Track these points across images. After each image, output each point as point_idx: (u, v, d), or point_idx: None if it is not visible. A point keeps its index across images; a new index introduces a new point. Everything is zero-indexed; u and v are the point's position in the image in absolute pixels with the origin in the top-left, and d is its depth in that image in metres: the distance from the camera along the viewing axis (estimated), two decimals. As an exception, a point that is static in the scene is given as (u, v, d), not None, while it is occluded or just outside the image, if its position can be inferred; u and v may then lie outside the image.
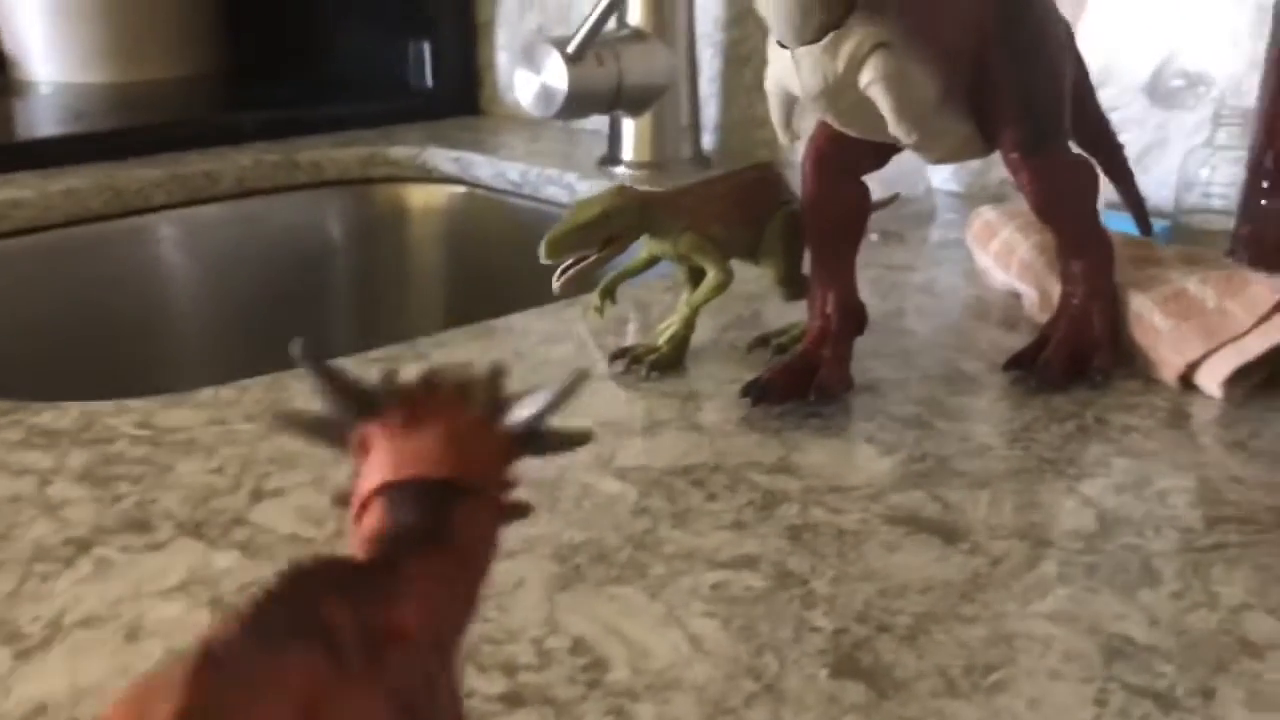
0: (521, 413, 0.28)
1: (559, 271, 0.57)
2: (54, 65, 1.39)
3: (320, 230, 1.16)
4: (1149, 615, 0.42)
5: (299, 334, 0.28)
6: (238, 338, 1.10)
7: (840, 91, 0.51)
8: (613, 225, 0.57)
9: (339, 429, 0.27)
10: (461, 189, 1.17)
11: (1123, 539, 0.48)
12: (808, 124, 0.61)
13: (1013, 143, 0.57)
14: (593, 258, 0.57)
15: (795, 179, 0.63)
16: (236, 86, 1.46)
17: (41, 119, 1.28)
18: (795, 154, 0.60)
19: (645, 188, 0.62)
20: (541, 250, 0.55)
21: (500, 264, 1.12)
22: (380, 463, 0.26)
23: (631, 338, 0.69)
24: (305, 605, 0.20)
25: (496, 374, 0.28)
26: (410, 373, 0.28)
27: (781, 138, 0.56)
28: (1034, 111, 0.57)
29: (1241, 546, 0.47)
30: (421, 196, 1.18)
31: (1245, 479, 0.53)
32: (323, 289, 1.17)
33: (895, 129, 0.51)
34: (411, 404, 0.27)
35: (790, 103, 0.55)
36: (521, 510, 0.28)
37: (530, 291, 0.69)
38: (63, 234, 1.01)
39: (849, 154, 0.59)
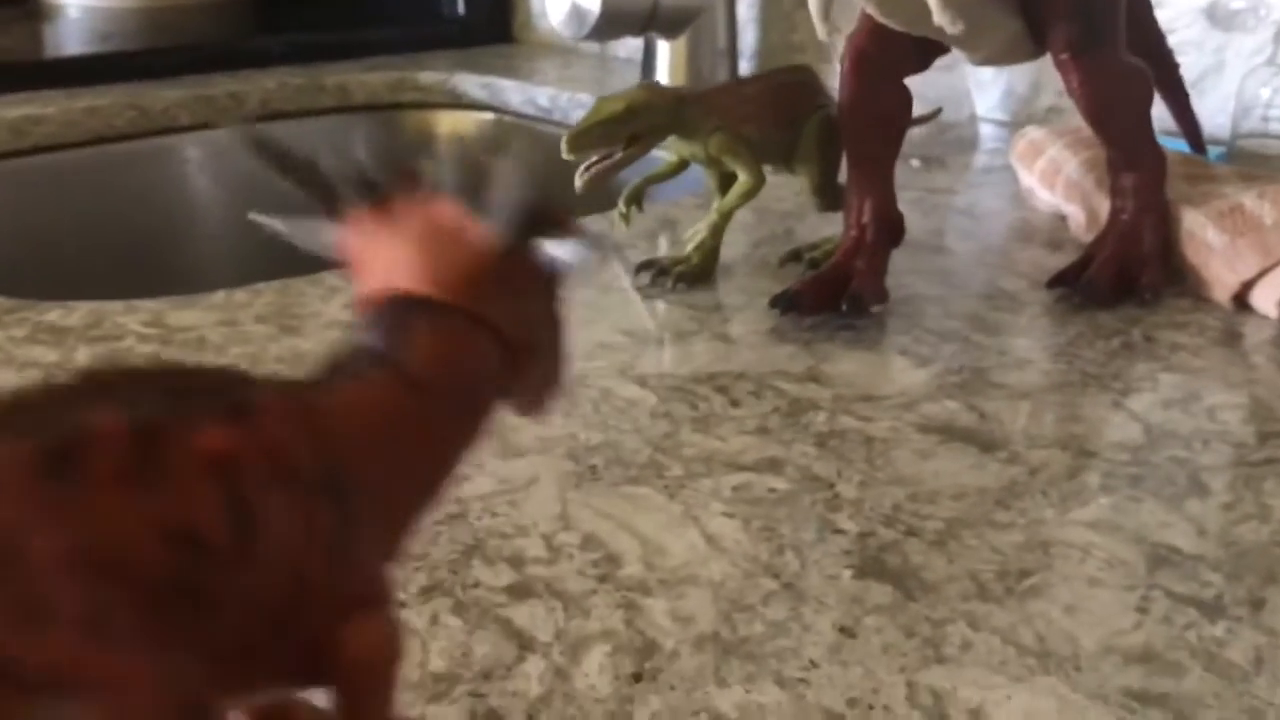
0: (496, 210, 0.23)
1: (582, 168, 0.55)
2: (83, -11, 1.37)
3: (347, 155, 1.14)
4: (1196, 525, 0.40)
5: (322, 260, 0.25)
6: (259, 260, 1.08)
7: (881, -24, 0.49)
8: (638, 122, 0.54)
9: (319, 234, 0.24)
10: (490, 115, 1.15)
11: (1170, 451, 0.45)
12: (848, 23, 0.58)
13: (1064, 41, 0.54)
14: (618, 155, 0.55)
15: (834, 85, 0.60)
16: (265, 10, 1.44)
17: (68, 40, 1.26)
18: (835, 57, 0.57)
19: (674, 86, 0.60)
20: (563, 145, 0.53)
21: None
22: (364, 267, 0.23)
23: (659, 252, 0.67)
24: (67, 407, 0.16)
25: (470, 163, 0.23)
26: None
27: (820, 31, 0.53)
28: (1087, 8, 0.54)
29: (1297, 461, 0.44)
30: (450, 122, 1.16)
31: (1302, 396, 0.50)
32: (350, 215, 1.15)
33: (939, 17, 0.48)
34: (381, 200, 0.23)
35: (828, -7, 0.52)
36: (543, 343, 0.23)
37: (586, 204, 0.66)
38: (87, 152, 1.00)
39: (890, 53, 0.56)
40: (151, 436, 0.16)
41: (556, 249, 0.23)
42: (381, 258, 0.22)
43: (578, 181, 0.55)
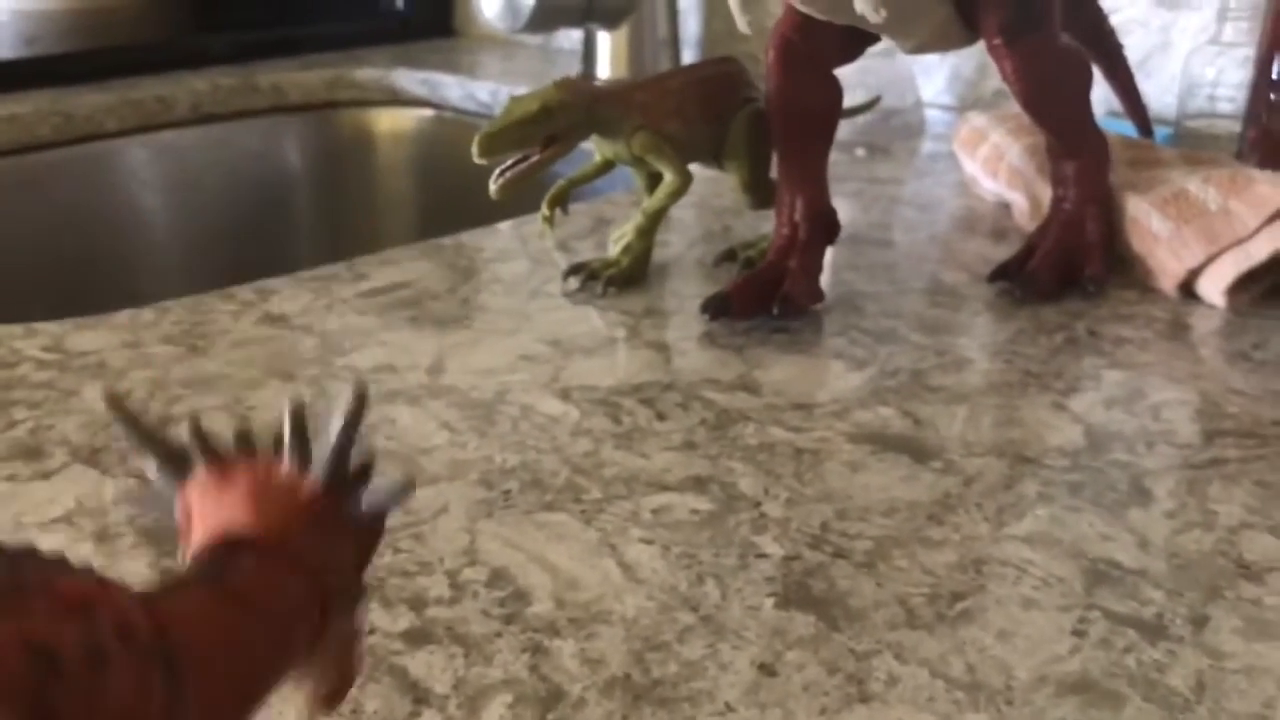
0: (320, 454, 0.25)
1: (497, 173, 0.52)
2: (11, -9, 1.33)
3: (282, 157, 1.11)
4: (1138, 537, 0.38)
5: (258, 267, 0.25)
6: (197, 271, 1.05)
7: (800, -35, 0.46)
8: (554, 122, 0.52)
9: (167, 498, 0.25)
10: (430, 112, 1.12)
11: (1112, 455, 0.43)
12: (773, 14, 0.56)
13: (996, 26, 0.52)
14: (534, 159, 0.52)
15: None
16: (200, 9, 1.40)
17: (-9, 44, 1.22)
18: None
19: (592, 82, 0.57)
20: (474, 148, 0.50)
21: (472, 189, 1.06)
22: (198, 524, 0.24)
23: (590, 254, 0.65)
24: None
25: (297, 415, 0.25)
26: (224, 426, 0.27)
27: (740, 23, 0.51)
28: (1019, -8, 0.52)
29: (1241, 462, 0.43)
30: (389, 121, 1.13)
31: (1247, 391, 0.48)
32: (287, 219, 1.12)
33: (861, 6, 0.46)
34: (219, 459, 0.25)
35: (748, -18, 0.50)
36: (345, 584, 0.25)
37: (513, 207, 0.64)
38: (7, 162, 0.96)
39: (817, 44, 0.54)
40: (19, 575, 0.17)
41: (367, 494, 0.26)
42: (218, 511, 0.24)
43: (492, 187, 0.52)
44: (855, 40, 0.54)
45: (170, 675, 0.18)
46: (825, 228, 0.56)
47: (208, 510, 0.25)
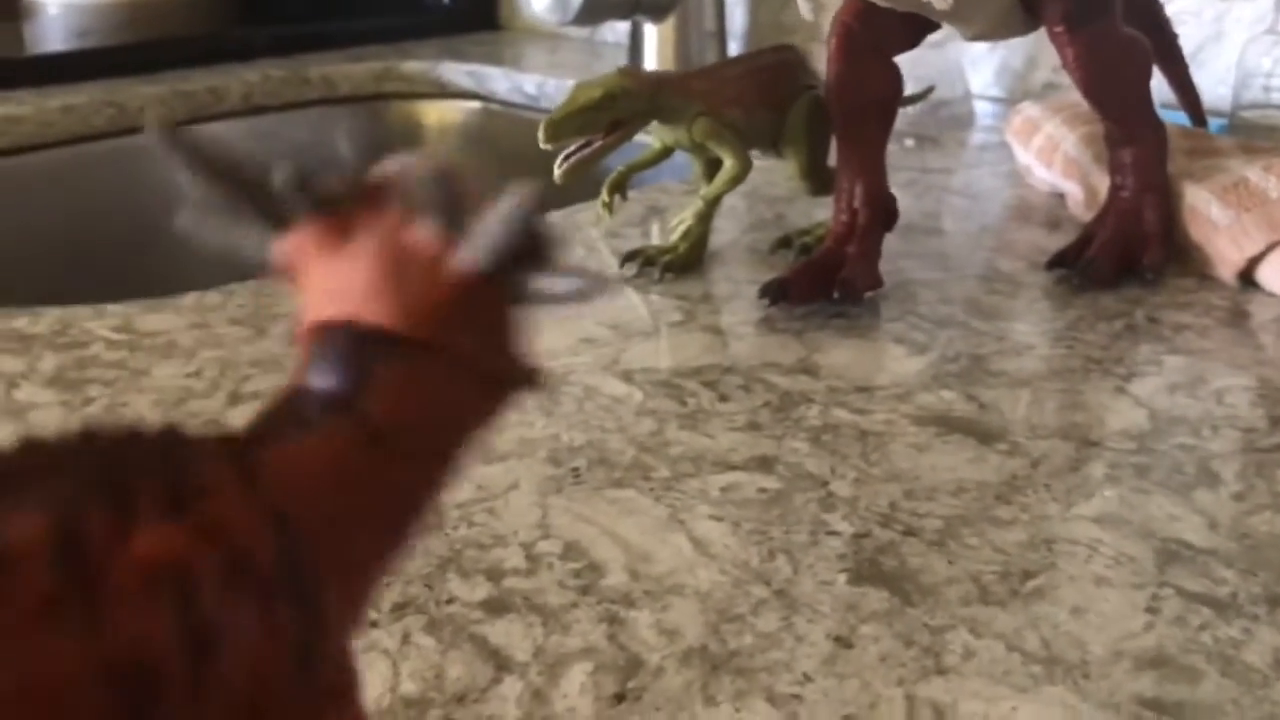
0: (482, 234, 0.18)
1: (561, 157, 0.53)
2: (62, -15, 1.35)
3: (331, 148, 1.12)
4: (1207, 518, 0.38)
5: None
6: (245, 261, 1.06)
7: (865, -50, 0.46)
8: (618, 108, 0.52)
9: (256, 230, 0.20)
10: (477, 104, 1.13)
11: (1177, 439, 0.43)
12: (835, 1, 0.56)
13: (1059, 14, 0.52)
14: (598, 144, 0.53)
15: (823, 65, 0.58)
16: (247, 2, 1.42)
17: (45, 37, 1.24)
18: (824, 36, 0.55)
19: (655, 70, 0.57)
20: (540, 133, 0.51)
21: (519, 180, 1.07)
22: (310, 288, 0.19)
23: (640, 242, 0.65)
24: None
25: (442, 171, 0.19)
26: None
27: (803, 10, 0.51)
28: (1082, -22, 0.52)
29: (1310, 446, 0.43)
30: (436, 113, 1.14)
31: (1313, 377, 0.48)
32: (336, 210, 1.13)
33: (927, -9, 0.46)
34: (333, 215, 0.19)
35: (811, -32, 0.50)
36: (517, 377, 0.20)
37: (570, 193, 0.64)
38: (63, 152, 0.98)
39: (878, 31, 0.54)
40: (80, 548, 0.13)
41: (551, 284, 0.19)
42: (335, 280, 0.19)
43: (556, 171, 0.53)
44: (915, 28, 0.55)
45: (300, 594, 0.15)
46: (884, 214, 0.56)
47: (322, 276, 0.19)
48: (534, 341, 0.21)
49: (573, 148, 0.53)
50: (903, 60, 0.57)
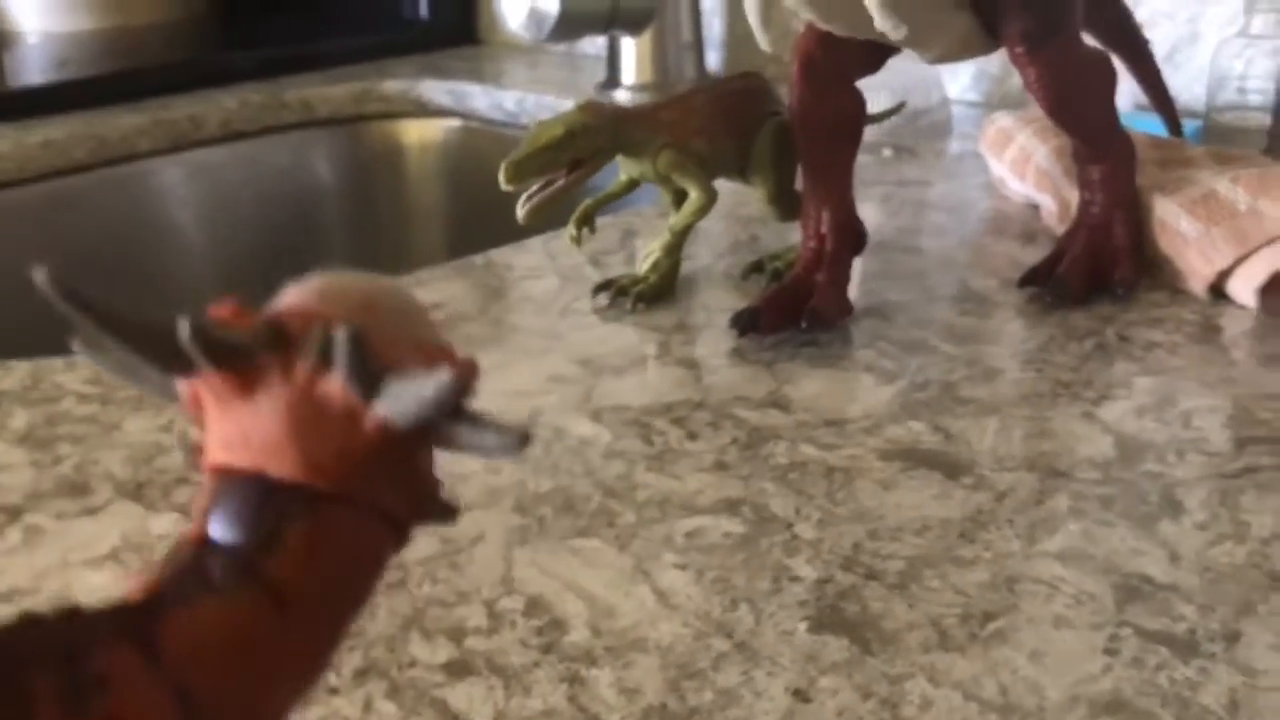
0: (404, 394, 0.18)
1: (524, 198, 0.53)
2: (42, 14, 1.35)
3: (312, 171, 1.12)
4: (1169, 550, 0.38)
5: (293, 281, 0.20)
6: (233, 288, 1.07)
7: (819, -17, 0.46)
8: (579, 145, 0.52)
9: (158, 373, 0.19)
10: (457, 122, 1.13)
11: (1143, 466, 0.43)
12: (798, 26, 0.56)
13: (1018, 35, 0.52)
14: (561, 182, 0.53)
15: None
16: (227, 27, 1.42)
17: (23, 69, 1.24)
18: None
19: (616, 103, 0.58)
20: (501, 175, 0.51)
21: (501, 199, 1.07)
22: (214, 431, 0.18)
23: (620, 269, 0.65)
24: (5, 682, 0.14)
25: (354, 334, 0.18)
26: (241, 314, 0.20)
27: (760, 40, 0.51)
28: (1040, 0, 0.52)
29: (1274, 470, 0.43)
30: (416, 132, 1.14)
31: (1281, 395, 0.48)
32: (319, 232, 1.13)
33: (881, 23, 0.46)
34: (236, 364, 0.18)
35: (768, 1, 0.50)
36: (439, 512, 0.20)
37: (543, 222, 0.64)
38: (46, 186, 0.98)
39: (840, 56, 0.54)
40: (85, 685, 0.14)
41: (470, 437, 0.19)
42: (240, 428, 0.18)
43: (519, 212, 0.53)
44: (878, 52, 0.55)
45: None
46: (852, 239, 0.56)
47: (225, 424, 0.18)
48: (444, 480, 0.21)
49: (535, 187, 0.53)
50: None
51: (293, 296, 0.19)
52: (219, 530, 0.17)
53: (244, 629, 0.16)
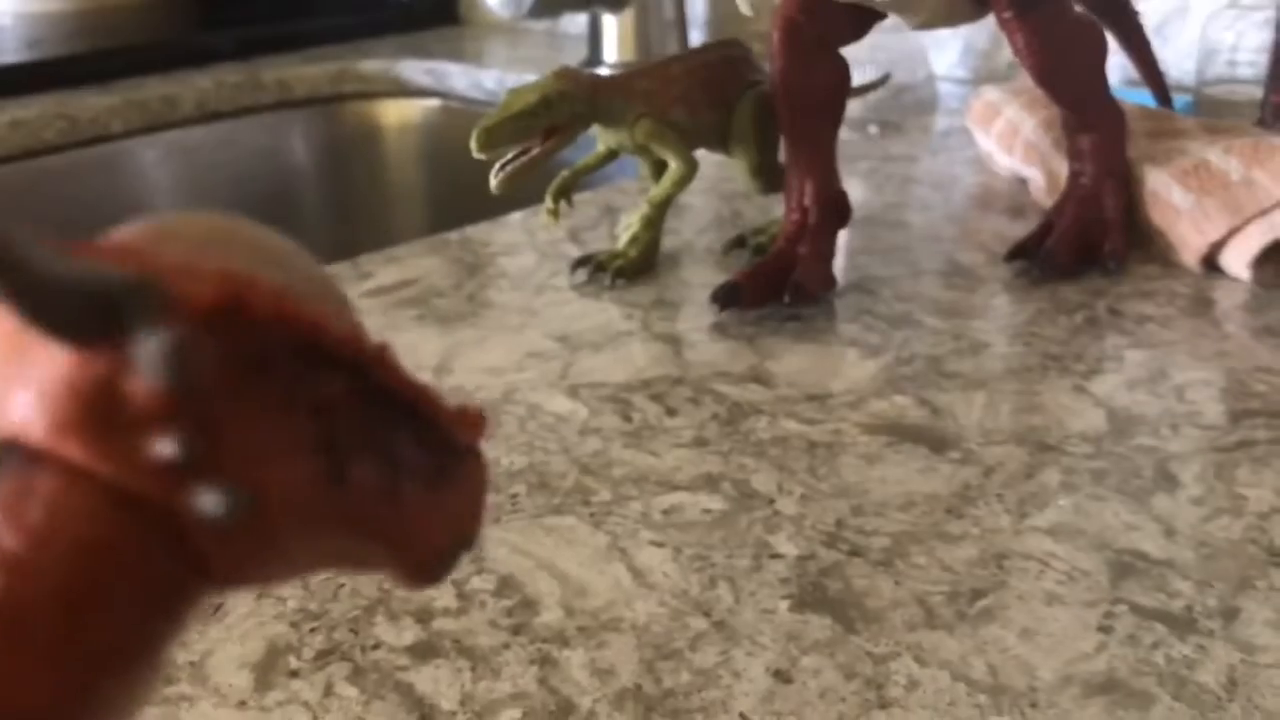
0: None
1: (497, 167, 0.51)
2: (15, -6, 1.33)
3: (290, 152, 1.10)
4: (1164, 525, 0.37)
5: None
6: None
7: (800, -57, 0.45)
8: (555, 113, 0.51)
9: None
10: (436, 102, 1.11)
11: (1136, 440, 0.42)
12: (777, -7, 0.54)
13: (1006, 0, 0.50)
14: (535, 151, 0.51)
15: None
16: (204, 7, 1.39)
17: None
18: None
19: (593, 71, 0.56)
20: (473, 142, 0.49)
21: (481, 178, 1.05)
22: None
23: (600, 246, 0.64)
24: None
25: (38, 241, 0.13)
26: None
27: (742, 6, 0.50)
28: (1029, -37, 0.50)
29: (1270, 443, 0.41)
30: (395, 112, 1.12)
31: (1275, 367, 0.47)
32: (298, 214, 1.11)
33: (865, -16, 0.45)
34: None
35: (748, -37, 0.49)
36: (216, 501, 0.14)
37: (520, 199, 0.63)
38: (14, 167, 0.96)
39: (823, 23, 0.52)
40: None
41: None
42: None
43: (493, 182, 0.51)
44: (862, 19, 0.53)
45: None
46: (836, 212, 0.54)
47: None
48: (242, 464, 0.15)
49: (509, 156, 0.51)
50: (863, 44, 0.55)
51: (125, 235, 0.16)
52: None
53: None
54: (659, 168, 0.57)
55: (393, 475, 0.15)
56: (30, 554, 0.13)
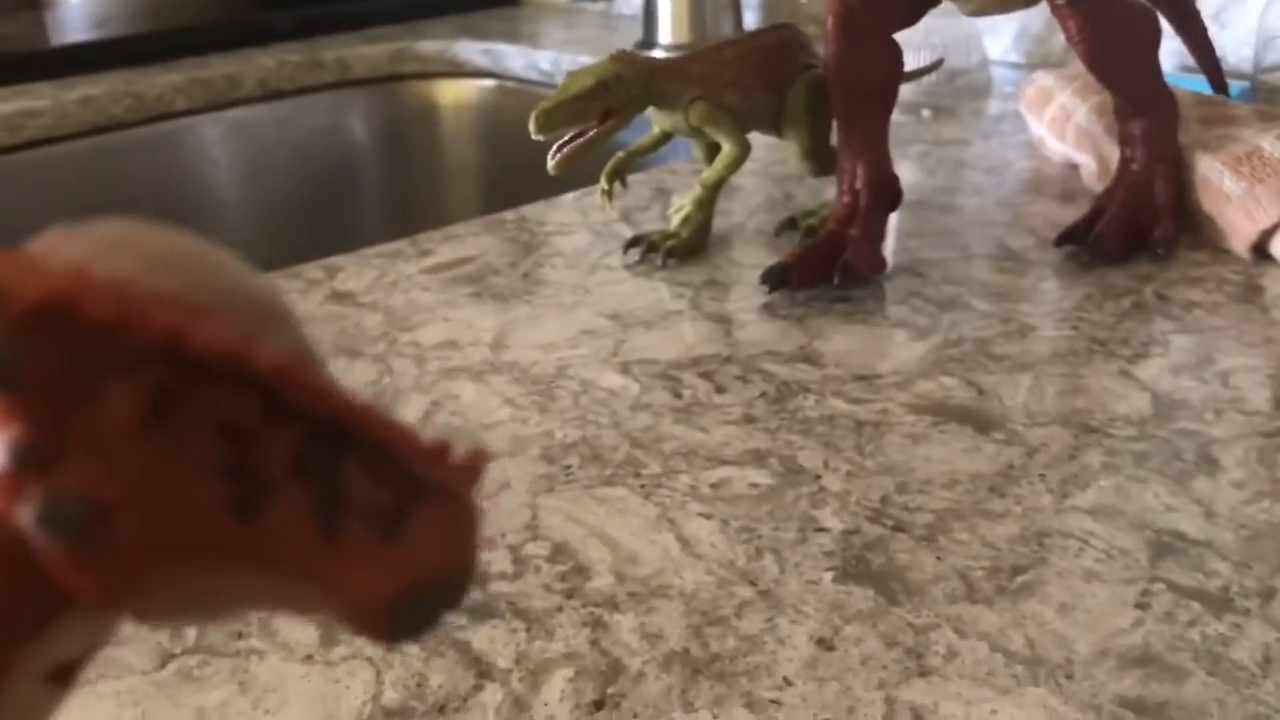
0: None
1: (554, 148, 0.53)
2: (82, -26, 1.36)
3: (349, 131, 1.12)
4: (1204, 507, 0.38)
5: (329, 241, 0.16)
6: (267, 247, 1.07)
7: (855, -70, 0.46)
8: (611, 96, 0.52)
9: None
10: (493, 83, 1.12)
11: (1179, 424, 0.42)
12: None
13: (1059, -14, 0.51)
14: (592, 133, 0.52)
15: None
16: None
17: (63, 28, 1.25)
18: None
19: (650, 54, 0.57)
20: (531, 124, 0.51)
21: (536, 159, 1.06)
22: None
23: (653, 226, 0.65)
24: None
25: None
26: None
27: (796, -9, 0.51)
28: (1083, -50, 0.50)
29: (1315, 429, 0.42)
30: (452, 92, 1.14)
31: (1323, 355, 0.47)
32: (356, 192, 1.13)
33: (919, -29, 0.45)
34: None
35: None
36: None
37: (575, 179, 0.64)
38: (85, 143, 0.98)
39: (877, 8, 0.53)
40: None
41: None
42: None
43: (550, 163, 0.52)
44: (916, 4, 0.54)
45: None
46: (887, 195, 0.55)
47: None
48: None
49: (566, 137, 0.52)
50: (918, 28, 0.56)
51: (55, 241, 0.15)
52: None
53: None
54: (712, 150, 0.58)
55: (331, 512, 0.14)
56: None
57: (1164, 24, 0.57)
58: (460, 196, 1.15)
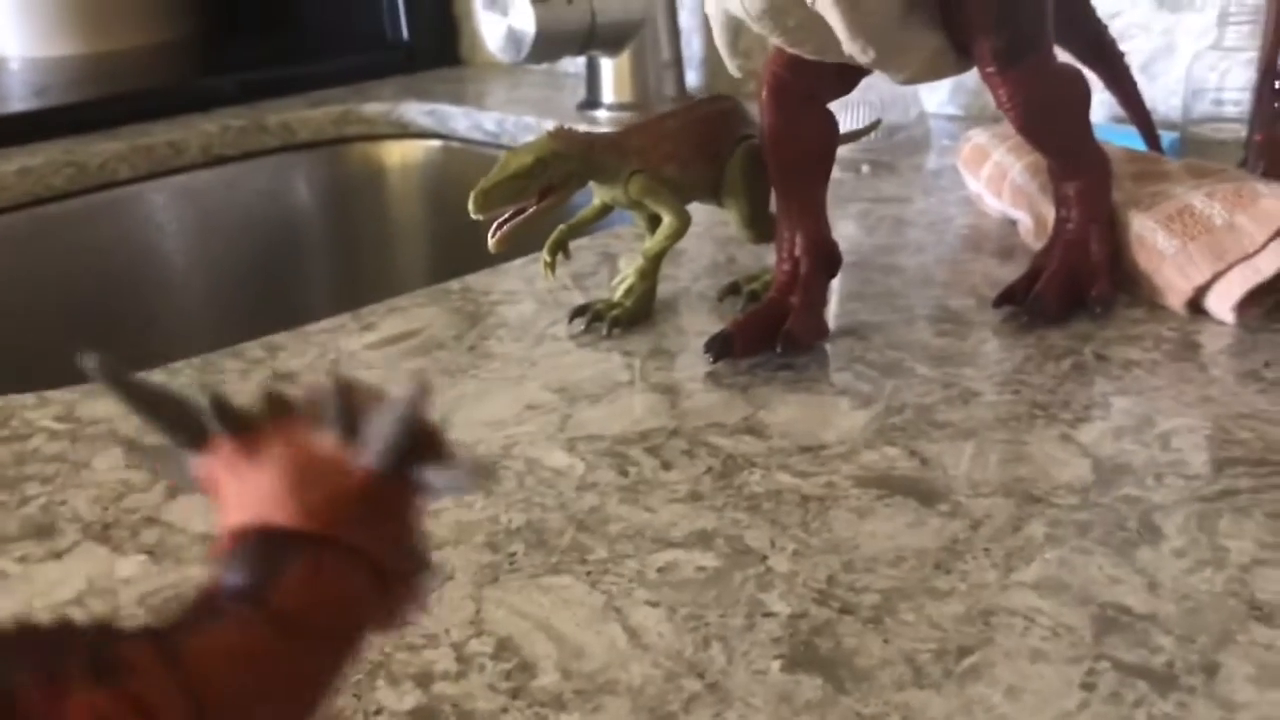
0: (373, 438, 0.21)
1: (494, 226, 0.53)
2: (22, 39, 1.35)
3: (294, 194, 1.11)
4: (1147, 578, 0.38)
5: (277, 306, 0.23)
6: (214, 314, 1.06)
7: (785, 9, 0.46)
8: (550, 173, 0.52)
9: (180, 457, 0.22)
10: (438, 143, 1.12)
11: (1121, 490, 0.43)
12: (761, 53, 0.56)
13: (989, 54, 0.51)
14: (531, 210, 0.52)
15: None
16: (207, 51, 1.41)
17: (4, 95, 1.23)
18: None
19: (586, 129, 0.57)
20: (470, 204, 0.51)
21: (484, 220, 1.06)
22: (228, 500, 0.21)
23: (599, 292, 0.65)
24: None
25: (342, 385, 0.21)
26: (255, 390, 0.23)
27: (730, 66, 0.51)
28: (1011, 17, 0.51)
29: (1253, 492, 0.42)
30: (397, 153, 1.14)
31: (1258, 413, 0.48)
32: (302, 255, 1.13)
33: (849, 47, 0.46)
34: (244, 431, 0.21)
35: (735, 26, 0.50)
36: (414, 563, 0.22)
37: (519, 247, 0.64)
38: (24, 215, 0.97)
39: (810, 79, 0.54)
40: (13, 708, 0.16)
41: (436, 477, 0.21)
42: (248, 490, 0.21)
43: (490, 241, 0.52)
44: (848, 74, 0.54)
45: None
46: (826, 262, 0.55)
47: (236, 489, 0.21)
48: (426, 536, 0.22)
49: (505, 215, 0.52)
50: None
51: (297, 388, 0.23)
52: (230, 577, 0.20)
53: (252, 650, 0.19)
54: (653, 221, 0.58)
55: None
56: (315, 613, 0.20)
57: (1094, 79, 0.58)
58: (407, 256, 1.15)
